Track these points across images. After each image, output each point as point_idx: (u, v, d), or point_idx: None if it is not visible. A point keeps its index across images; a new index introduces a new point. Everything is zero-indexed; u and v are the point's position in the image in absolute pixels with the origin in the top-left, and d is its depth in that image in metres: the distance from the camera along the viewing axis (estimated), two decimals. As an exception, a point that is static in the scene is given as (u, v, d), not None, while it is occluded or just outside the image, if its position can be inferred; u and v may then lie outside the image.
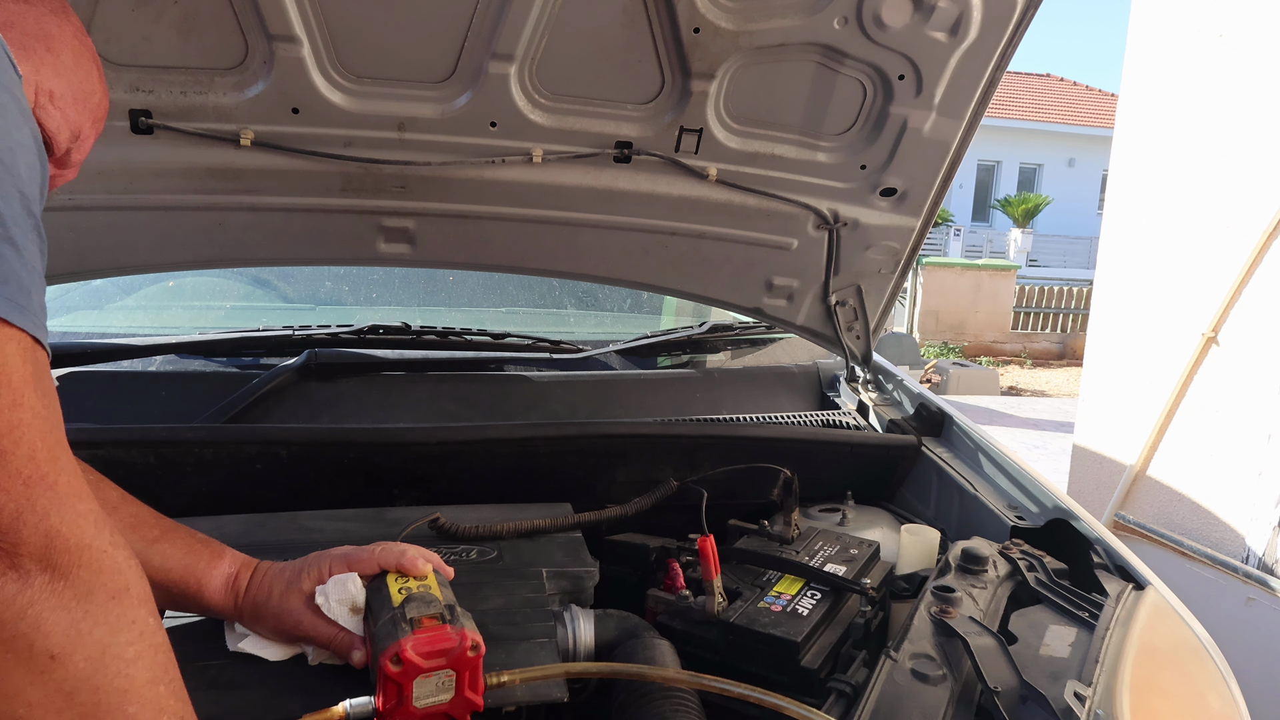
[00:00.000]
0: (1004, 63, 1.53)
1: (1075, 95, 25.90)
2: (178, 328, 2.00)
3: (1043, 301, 12.17)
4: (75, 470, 0.65)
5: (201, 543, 1.00)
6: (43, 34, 0.82)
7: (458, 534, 1.27)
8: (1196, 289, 3.29)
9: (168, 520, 1.00)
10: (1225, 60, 3.21)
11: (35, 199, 0.67)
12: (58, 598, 0.62)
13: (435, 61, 1.43)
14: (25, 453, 0.61)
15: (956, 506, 1.66)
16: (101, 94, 0.89)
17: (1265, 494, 2.95)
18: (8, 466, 0.60)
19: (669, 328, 2.27)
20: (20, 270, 0.63)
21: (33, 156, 0.67)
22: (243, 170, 1.50)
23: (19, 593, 0.60)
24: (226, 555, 1.00)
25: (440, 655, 0.87)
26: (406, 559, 0.99)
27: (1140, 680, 1.06)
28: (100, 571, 0.64)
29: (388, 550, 1.00)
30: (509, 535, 1.29)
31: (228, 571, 0.99)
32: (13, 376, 0.61)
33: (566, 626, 1.11)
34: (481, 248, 1.78)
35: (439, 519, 1.28)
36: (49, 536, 0.61)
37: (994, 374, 9.96)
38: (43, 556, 0.61)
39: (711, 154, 1.64)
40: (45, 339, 0.66)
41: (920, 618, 1.14)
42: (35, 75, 0.80)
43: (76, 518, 0.63)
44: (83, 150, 0.88)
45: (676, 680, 0.98)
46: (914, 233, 1.85)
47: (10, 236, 0.62)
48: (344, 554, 1.00)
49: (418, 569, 0.99)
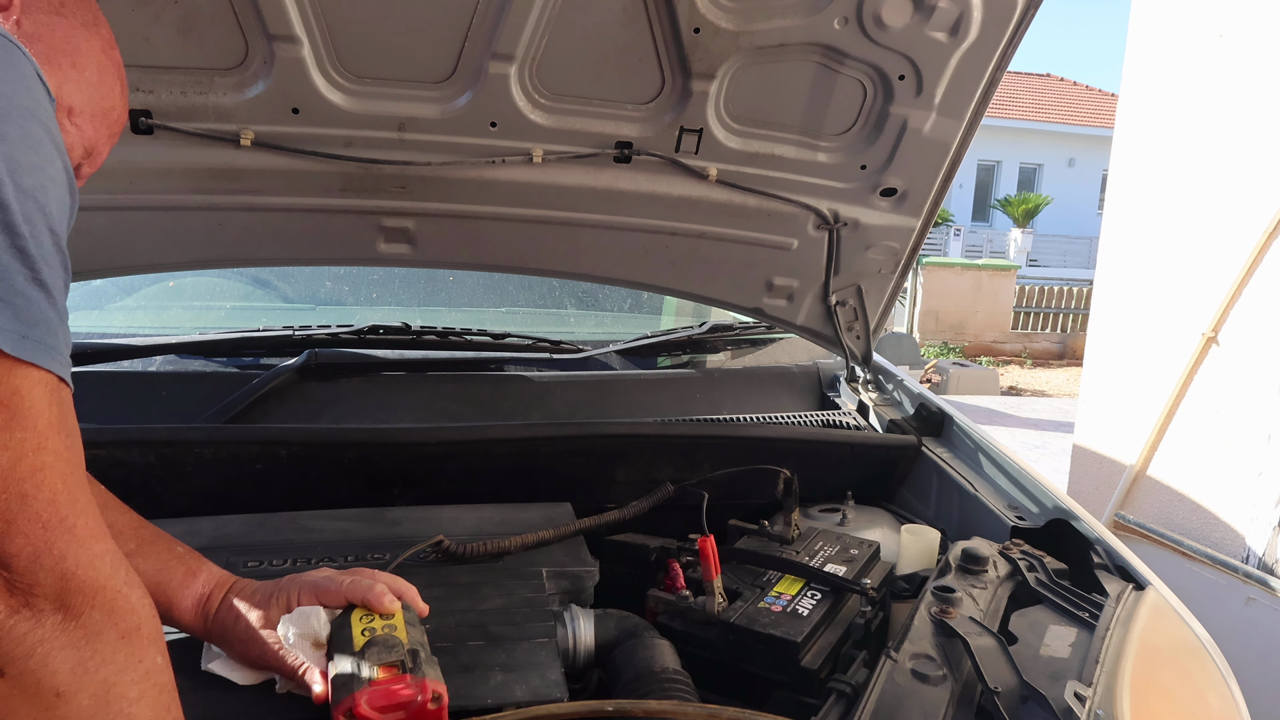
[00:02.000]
0: (1004, 63, 1.53)
1: (1075, 95, 25.90)
2: (178, 328, 2.00)
3: (1043, 301, 12.17)
4: (93, 510, 0.67)
5: (178, 559, 0.97)
6: (70, 48, 0.81)
7: (464, 556, 1.22)
8: (1196, 289, 3.29)
9: (150, 531, 0.98)
10: (1225, 60, 3.21)
11: (64, 234, 0.67)
12: (68, 636, 0.63)
13: (435, 61, 1.43)
14: (46, 496, 0.62)
15: (956, 506, 1.66)
16: (121, 109, 0.89)
17: (1265, 494, 2.95)
18: (28, 510, 0.61)
19: (669, 328, 2.27)
20: (49, 312, 0.64)
21: (63, 190, 0.68)
22: (243, 170, 1.50)
23: (30, 631, 0.62)
24: (201, 574, 0.98)
25: (397, 709, 0.83)
26: (373, 595, 0.95)
27: (1140, 680, 1.06)
28: (113, 612, 0.66)
29: (356, 584, 0.96)
30: (516, 550, 1.25)
31: (200, 592, 0.97)
32: (39, 420, 0.63)
33: (566, 626, 1.11)
34: (481, 248, 1.78)
35: (442, 541, 1.21)
36: (64, 578, 0.63)
37: (994, 374, 9.96)
38: (57, 597, 0.63)
39: (711, 154, 1.64)
40: (69, 376, 0.67)
41: (920, 618, 1.14)
42: (58, 91, 0.79)
43: (93, 559, 0.65)
44: (95, 164, 0.87)
45: (689, 717, 0.93)
46: (914, 233, 1.85)
47: (41, 279, 0.63)
48: (313, 584, 0.96)
49: (383, 606, 0.94)
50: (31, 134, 0.65)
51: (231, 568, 1.15)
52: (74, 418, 0.68)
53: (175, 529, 1.16)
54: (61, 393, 0.65)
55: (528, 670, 0.99)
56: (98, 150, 0.86)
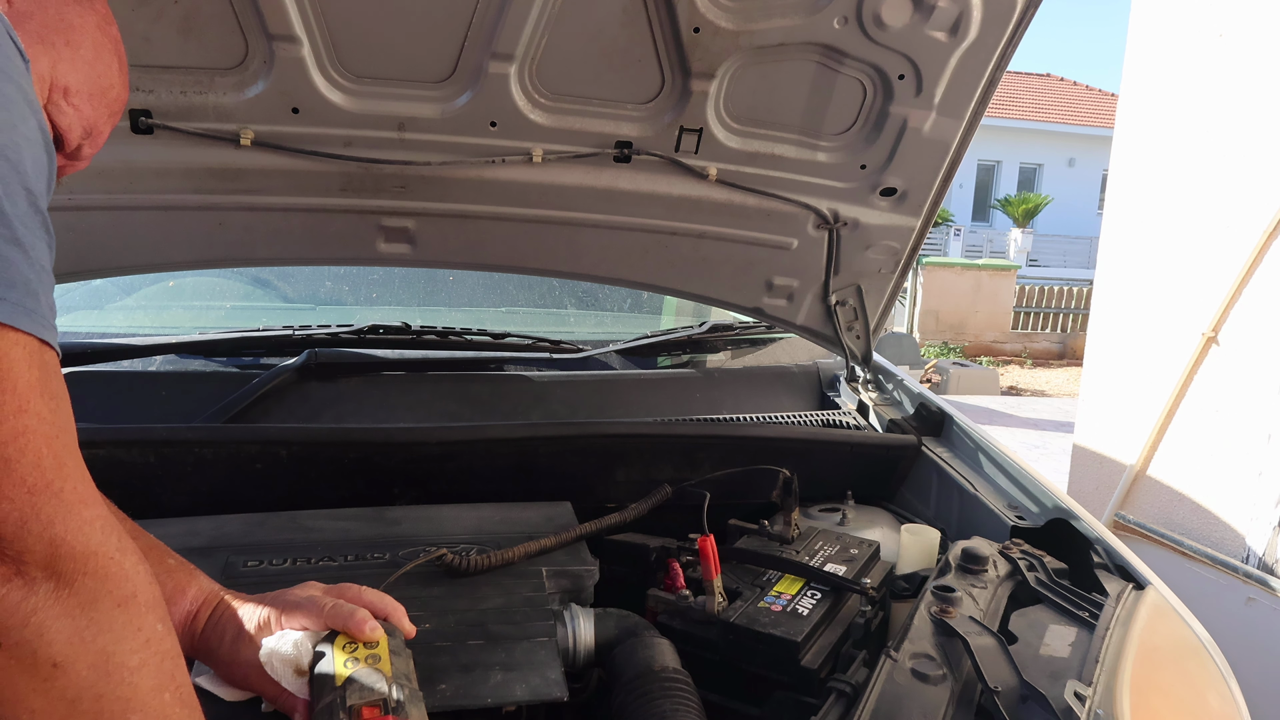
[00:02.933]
0: (1004, 62, 1.53)
1: (1075, 95, 25.90)
2: (178, 328, 2.00)
3: (1043, 301, 12.17)
4: (83, 475, 0.65)
5: (168, 573, 0.95)
6: (64, 25, 0.79)
7: (468, 570, 1.17)
8: (1196, 289, 3.29)
9: (143, 543, 0.95)
10: (1225, 60, 3.21)
11: (42, 194, 0.66)
12: (62, 605, 0.62)
13: (435, 61, 1.43)
14: (31, 460, 0.60)
15: (956, 506, 1.66)
16: (120, 87, 0.86)
17: (1265, 494, 2.95)
18: (12, 474, 0.60)
19: (669, 328, 2.27)
20: (27, 272, 0.62)
21: (39, 150, 0.66)
22: (243, 170, 1.50)
23: (23, 600, 0.60)
24: (190, 591, 0.95)
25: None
26: (354, 623, 0.90)
27: (1140, 680, 1.06)
28: (106, 579, 0.64)
29: (338, 610, 0.91)
30: (520, 560, 1.23)
31: (188, 609, 0.94)
32: (18, 382, 0.61)
33: (566, 625, 1.11)
34: (481, 248, 1.78)
35: (445, 555, 1.16)
36: (54, 544, 0.61)
37: (994, 374, 9.96)
38: (47, 564, 0.61)
39: (711, 154, 1.64)
40: (55, 339, 0.65)
41: (920, 617, 1.14)
42: (52, 70, 0.77)
43: (82, 524, 0.63)
44: (96, 144, 0.85)
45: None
46: (914, 232, 1.85)
47: (16, 237, 0.62)
48: (296, 605, 0.93)
49: (365, 634, 0.90)
50: (1, 91, 0.63)
51: (231, 567, 1.15)
52: (60, 382, 0.66)
53: (175, 529, 1.16)
54: (44, 355, 0.63)
55: (527, 669, 0.99)
56: (98, 130, 0.84)
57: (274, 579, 1.15)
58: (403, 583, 1.09)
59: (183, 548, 1.01)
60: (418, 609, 1.02)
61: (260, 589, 0.99)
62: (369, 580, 1.03)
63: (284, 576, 1.15)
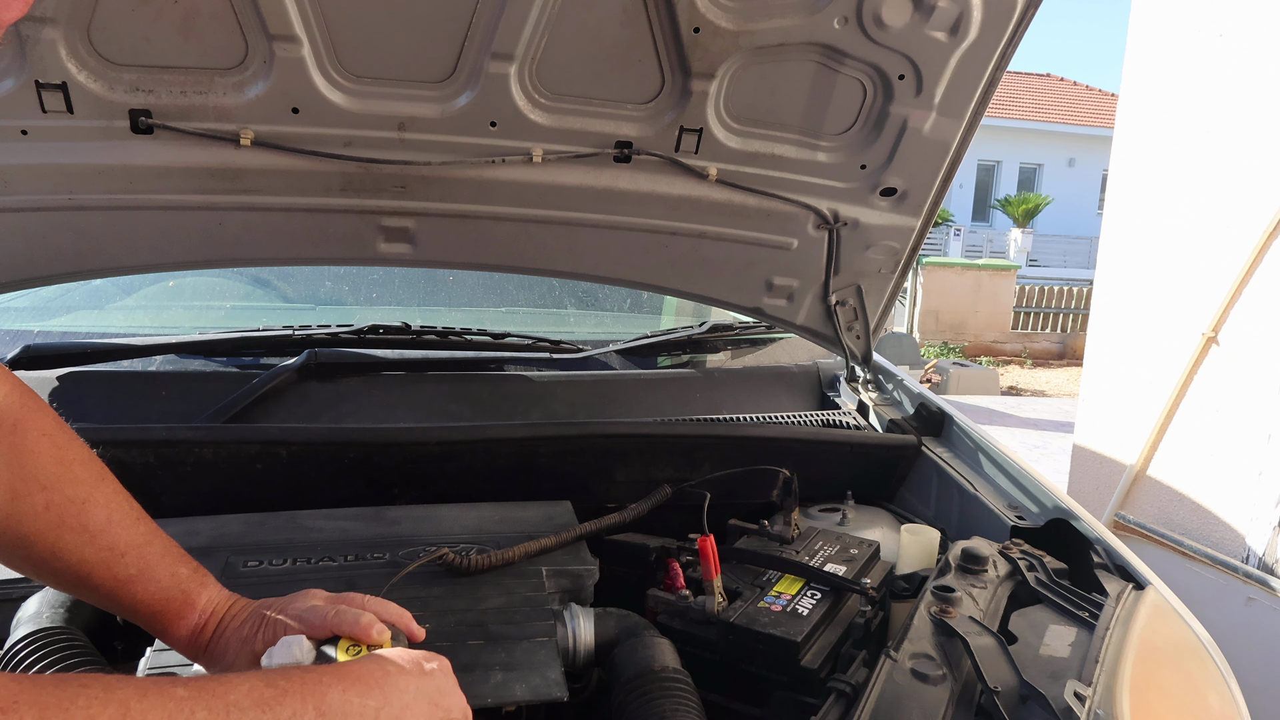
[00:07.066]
0: (1004, 63, 1.53)
1: (1075, 95, 25.91)
2: (178, 328, 2.00)
3: (1043, 301, 12.17)
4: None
5: (178, 584, 0.94)
6: None
7: (470, 569, 1.18)
8: (1196, 289, 3.29)
9: (156, 550, 0.95)
10: (1225, 60, 3.22)
11: None
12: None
13: (435, 61, 1.43)
14: None
15: (956, 506, 1.66)
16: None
17: (1265, 494, 2.95)
18: None
19: (669, 328, 2.27)
20: None
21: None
22: (243, 170, 1.50)
23: None
24: (199, 603, 0.94)
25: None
26: (359, 628, 0.88)
27: (1140, 680, 1.06)
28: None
29: (342, 615, 0.90)
30: (521, 560, 1.23)
31: (195, 623, 0.94)
32: None
33: (566, 625, 1.11)
34: (481, 248, 1.78)
35: (446, 554, 1.17)
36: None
37: (994, 374, 9.96)
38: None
39: (711, 154, 1.64)
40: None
41: (920, 618, 1.14)
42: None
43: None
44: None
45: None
46: (914, 232, 1.85)
47: None
48: (299, 613, 0.92)
49: (371, 637, 0.88)
50: None
51: (231, 568, 1.15)
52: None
53: (175, 529, 1.16)
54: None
55: (527, 669, 0.99)
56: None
57: (274, 579, 1.15)
58: (402, 583, 1.10)
59: (182, 548, 1.00)
60: (417, 609, 1.01)
61: (260, 589, 0.99)
62: (369, 580, 1.03)
63: (284, 577, 1.16)
